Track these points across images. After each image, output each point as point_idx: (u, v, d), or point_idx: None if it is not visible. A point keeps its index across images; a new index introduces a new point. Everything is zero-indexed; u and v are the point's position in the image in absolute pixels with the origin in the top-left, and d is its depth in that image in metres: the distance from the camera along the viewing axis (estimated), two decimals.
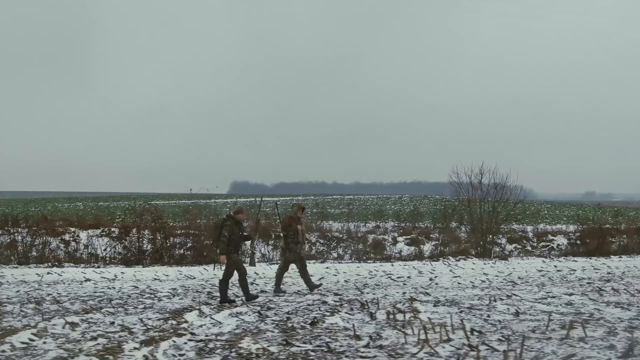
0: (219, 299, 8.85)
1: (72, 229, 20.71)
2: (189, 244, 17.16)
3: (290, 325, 7.03)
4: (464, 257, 16.23)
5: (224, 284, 8.79)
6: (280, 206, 17.56)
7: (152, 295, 9.80)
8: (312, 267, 14.66)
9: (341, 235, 21.57)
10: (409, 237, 21.45)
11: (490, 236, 18.12)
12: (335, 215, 29.03)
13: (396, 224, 24.38)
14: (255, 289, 10.20)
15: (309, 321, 7.16)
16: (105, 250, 18.00)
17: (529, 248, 19.81)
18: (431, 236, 21.16)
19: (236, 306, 8.45)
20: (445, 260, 15.65)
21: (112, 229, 19.76)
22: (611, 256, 15.88)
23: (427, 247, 20.00)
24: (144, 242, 17.39)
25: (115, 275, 13.08)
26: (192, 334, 6.61)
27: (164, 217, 17.86)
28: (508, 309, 7.88)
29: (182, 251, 17.19)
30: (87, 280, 12.22)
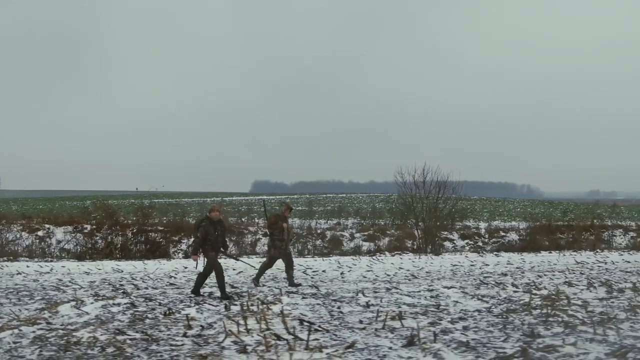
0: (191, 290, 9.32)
1: (47, 226, 21.79)
2: (139, 240, 17.77)
3: (146, 315, 7.51)
4: (399, 252, 16.58)
5: (201, 277, 9.26)
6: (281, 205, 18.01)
7: (64, 288, 10.36)
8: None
9: (301, 232, 22.09)
10: (366, 233, 21.91)
11: (434, 231, 18.43)
12: (298, 212, 29.52)
13: (356, 221, 24.85)
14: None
15: (164, 312, 7.64)
16: (76, 246, 18.81)
17: (480, 244, 20.11)
18: (387, 233, 21.59)
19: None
20: (381, 255, 16.02)
21: (85, 226, 20.71)
22: (541, 251, 16.13)
23: (381, 243, 20.46)
24: (97, 238, 18.09)
25: (51, 269, 13.69)
26: (49, 323, 7.12)
27: (117, 215, 18.45)
28: (368, 301, 8.27)
29: (133, 247, 17.84)
30: (19, 273, 12.83)
